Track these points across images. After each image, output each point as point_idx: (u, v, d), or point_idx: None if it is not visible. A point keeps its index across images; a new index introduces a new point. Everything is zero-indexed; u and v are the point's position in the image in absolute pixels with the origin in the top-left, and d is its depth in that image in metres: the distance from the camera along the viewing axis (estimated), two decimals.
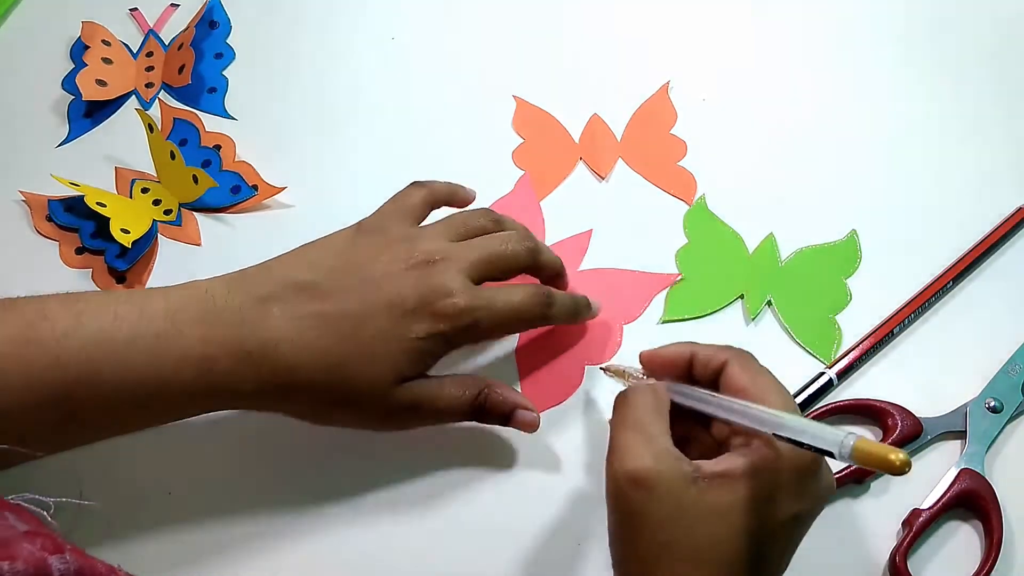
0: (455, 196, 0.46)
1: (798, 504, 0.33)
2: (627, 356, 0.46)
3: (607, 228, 0.50)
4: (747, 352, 0.37)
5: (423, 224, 0.43)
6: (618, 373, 0.42)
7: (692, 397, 0.37)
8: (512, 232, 0.43)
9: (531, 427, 0.42)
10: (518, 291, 0.41)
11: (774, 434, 0.32)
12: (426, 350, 0.39)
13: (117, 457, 0.42)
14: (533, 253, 0.42)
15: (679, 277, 0.48)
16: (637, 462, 0.33)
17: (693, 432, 0.38)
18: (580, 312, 0.44)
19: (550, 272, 0.44)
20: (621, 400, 0.37)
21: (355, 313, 0.38)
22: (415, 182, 0.44)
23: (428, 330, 0.38)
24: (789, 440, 0.31)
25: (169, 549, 0.42)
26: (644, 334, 0.47)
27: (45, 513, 0.30)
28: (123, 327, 0.35)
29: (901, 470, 0.27)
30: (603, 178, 0.52)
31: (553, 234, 0.50)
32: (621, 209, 0.51)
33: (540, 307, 0.41)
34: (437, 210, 0.45)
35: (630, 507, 0.33)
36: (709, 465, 0.33)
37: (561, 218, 0.51)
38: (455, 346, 0.40)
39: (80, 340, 0.35)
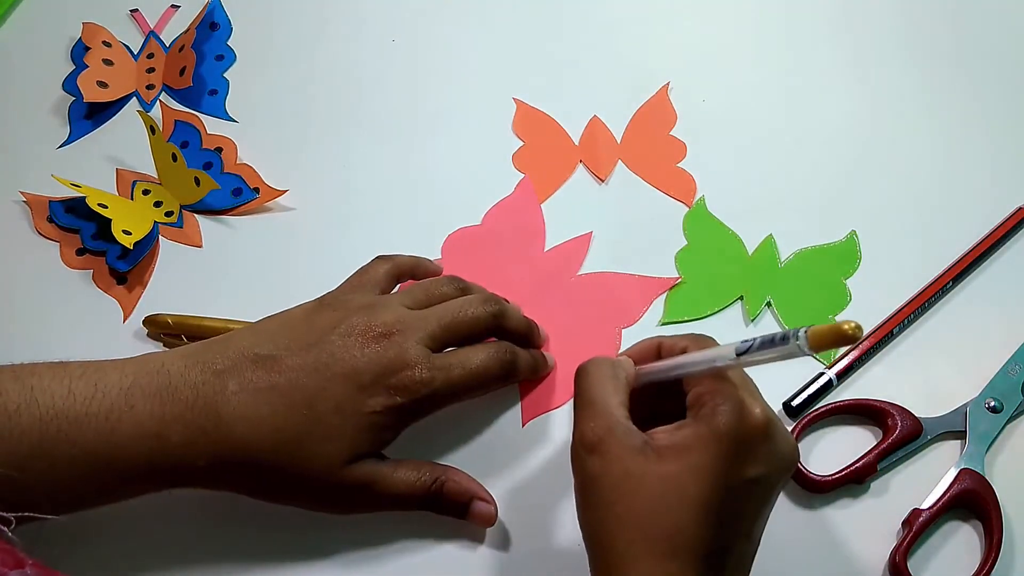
0: (420, 269, 0.45)
1: (753, 469, 0.33)
2: None
3: (607, 230, 0.50)
4: (706, 335, 0.38)
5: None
6: None
7: (654, 371, 0.38)
8: (474, 296, 0.42)
9: (488, 521, 0.41)
10: (478, 354, 0.40)
11: (734, 357, 0.33)
12: (384, 425, 0.38)
13: None
14: (496, 317, 0.41)
15: (679, 280, 0.48)
16: (592, 432, 0.34)
17: (665, 408, 0.37)
18: (539, 369, 0.44)
19: (519, 335, 0.43)
20: (580, 372, 0.37)
21: (310, 387, 0.37)
22: (380, 256, 0.44)
23: (385, 403, 0.38)
24: (747, 357, 0.32)
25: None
26: (644, 337, 0.47)
27: (6, 529, 0.30)
28: (77, 402, 0.35)
29: (855, 335, 0.27)
30: (603, 180, 0.52)
31: (553, 237, 0.50)
32: (621, 211, 0.51)
33: (501, 368, 0.41)
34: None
35: (586, 473, 0.34)
36: (662, 435, 0.34)
37: (561, 221, 0.51)
38: (415, 418, 0.39)
39: (32, 416, 0.35)
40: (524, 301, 0.46)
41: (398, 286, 0.44)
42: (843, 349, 0.46)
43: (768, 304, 0.48)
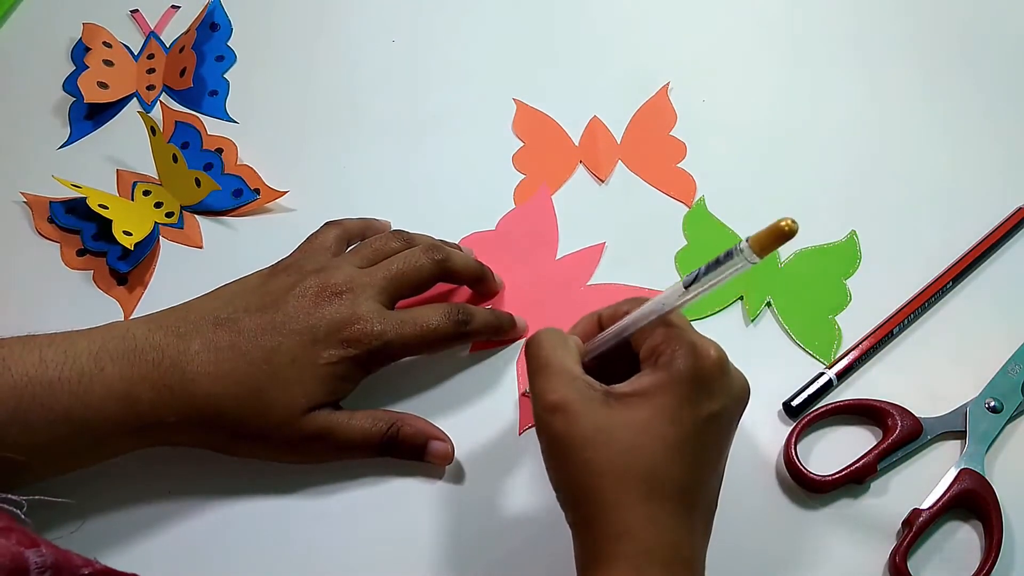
0: (369, 229, 0.48)
1: (712, 404, 0.34)
2: None
3: (607, 231, 0.50)
4: (642, 297, 0.39)
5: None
6: None
7: (605, 339, 0.38)
8: (417, 248, 0.44)
9: (445, 459, 0.43)
10: (430, 311, 0.42)
11: (683, 291, 0.34)
12: (338, 375, 0.40)
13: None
14: (440, 263, 0.43)
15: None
16: (553, 393, 0.35)
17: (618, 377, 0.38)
18: (503, 327, 0.45)
19: (468, 277, 0.46)
20: (530, 341, 0.38)
21: (268, 344, 0.40)
22: (328, 221, 0.47)
23: (340, 355, 0.40)
24: (696, 286, 0.33)
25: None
26: None
27: (18, 512, 0.31)
28: (49, 369, 0.37)
29: (792, 228, 0.29)
30: (603, 181, 0.52)
31: (566, 244, 0.50)
32: (621, 212, 0.51)
33: (454, 325, 0.42)
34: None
35: (553, 433, 0.35)
36: (621, 386, 0.35)
37: (561, 222, 0.51)
38: (368, 371, 0.42)
39: (6, 384, 0.36)
40: (532, 308, 0.47)
41: (349, 249, 0.46)
42: (843, 349, 0.46)
43: (768, 304, 0.48)
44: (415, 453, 0.42)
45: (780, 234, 0.29)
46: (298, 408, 0.40)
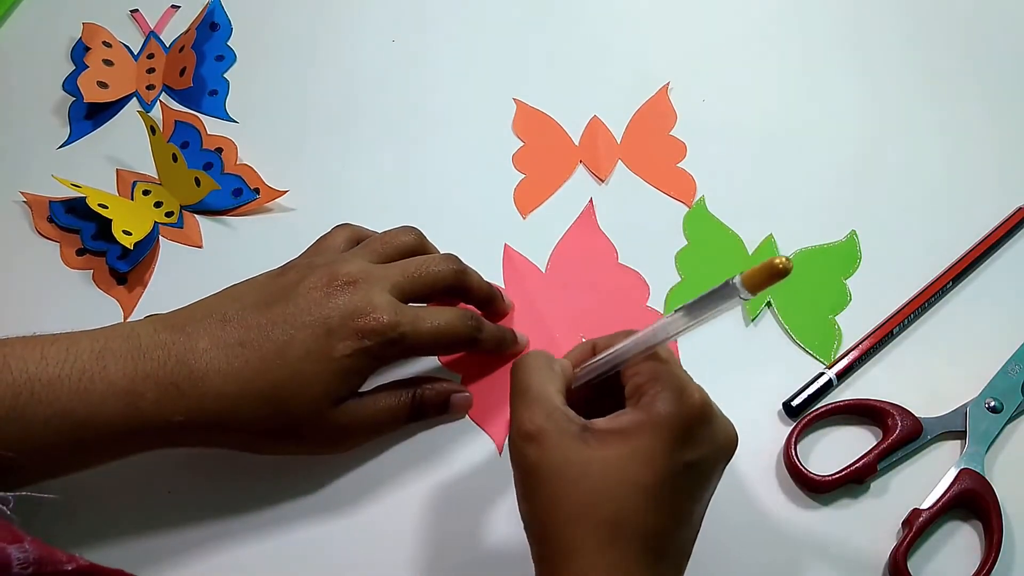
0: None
1: (692, 452, 0.33)
2: None
3: (607, 231, 0.50)
4: (635, 330, 0.38)
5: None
6: None
7: (594, 367, 0.38)
8: (438, 254, 0.44)
9: (466, 407, 0.44)
10: (445, 312, 0.42)
11: (677, 321, 0.33)
12: (354, 368, 0.39)
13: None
14: (458, 273, 0.43)
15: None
16: (529, 422, 0.34)
17: (604, 409, 0.37)
18: (506, 343, 0.45)
19: (480, 295, 0.44)
20: (516, 364, 0.37)
21: (279, 337, 0.38)
22: (339, 224, 0.46)
23: (354, 347, 0.38)
24: (688, 319, 0.33)
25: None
26: None
27: (4, 507, 0.31)
28: (50, 366, 0.36)
29: (786, 267, 0.28)
30: (603, 180, 0.52)
31: (553, 238, 0.50)
32: (621, 211, 0.51)
33: (468, 329, 0.42)
34: None
35: (526, 463, 0.34)
36: (600, 422, 0.34)
37: (561, 221, 0.51)
38: (383, 362, 0.40)
39: (5, 382, 0.35)
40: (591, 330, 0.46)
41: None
42: (843, 349, 0.46)
43: (768, 304, 0.48)
44: (439, 411, 0.43)
45: (774, 272, 0.29)
46: (321, 405, 0.39)
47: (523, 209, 0.52)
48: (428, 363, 0.46)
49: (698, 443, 0.33)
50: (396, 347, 0.40)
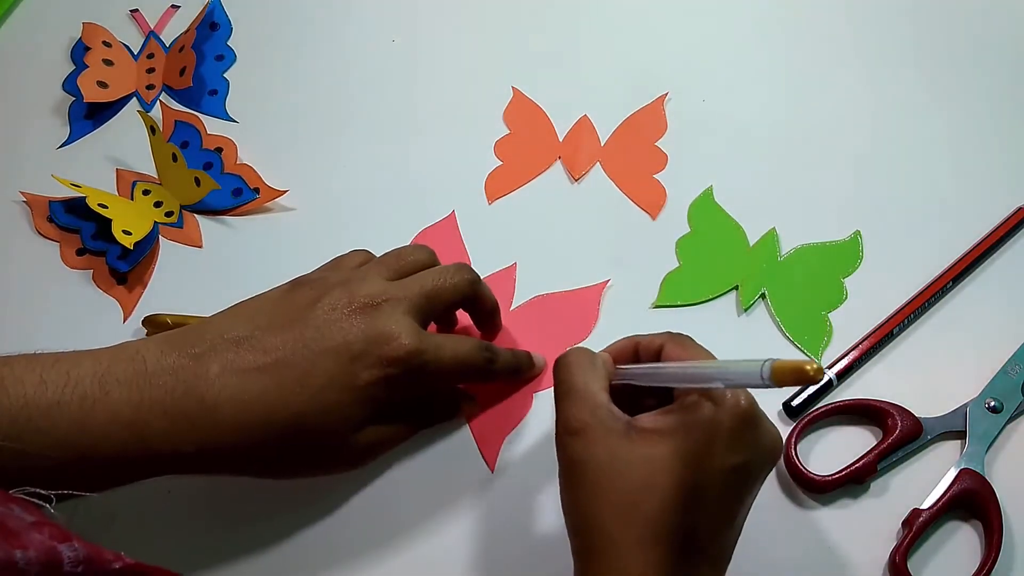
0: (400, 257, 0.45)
1: (734, 456, 0.33)
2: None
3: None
4: (683, 334, 0.38)
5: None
6: None
7: (632, 375, 0.38)
8: (451, 265, 0.42)
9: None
10: (464, 342, 0.41)
11: (704, 386, 0.33)
12: (378, 396, 0.38)
13: None
14: (473, 284, 0.41)
15: (608, 283, 0.48)
16: (574, 418, 0.35)
17: (645, 405, 0.37)
18: (522, 368, 0.44)
19: (490, 306, 0.44)
20: (559, 362, 0.37)
21: (299, 363, 0.36)
22: (356, 249, 0.44)
23: (378, 375, 0.37)
24: (716, 386, 0.32)
25: (168, 544, 0.42)
26: (635, 319, 0.47)
27: (47, 506, 0.30)
28: (48, 391, 0.33)
29: (817, 376, 0.27)
30: (576, 180, 0.52)
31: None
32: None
33: (484, 361, 0.41)
34: None
35: (570, 456, 0.35)
36: (645, 419, 0.35)
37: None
38: (406, 391, 0.39)
39: (3, 407, 0.33)
40: None
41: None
42: (843, 348, 0.46)
43: (763, 296, 0.48)
44: (448, 416, 0.44)
45: (802, 375, 0.28)
46: (344, 431, 0.38)
47: (491, 195, 0.52)
48: None
49: (742, 447, 0.33)
50: (418, 375, 0.38)
